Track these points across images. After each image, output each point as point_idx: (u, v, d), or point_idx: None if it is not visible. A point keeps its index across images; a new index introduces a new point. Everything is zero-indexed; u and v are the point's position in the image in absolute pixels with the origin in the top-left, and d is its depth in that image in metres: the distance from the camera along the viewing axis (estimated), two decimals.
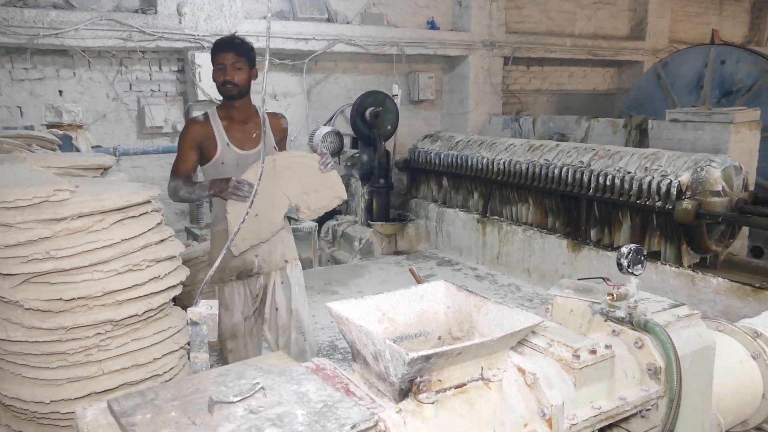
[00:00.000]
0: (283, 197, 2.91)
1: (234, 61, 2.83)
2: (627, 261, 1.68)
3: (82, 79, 6.52)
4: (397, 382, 1.37)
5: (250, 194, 2.35)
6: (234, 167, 2.87)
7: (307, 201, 2.95)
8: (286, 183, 2.88)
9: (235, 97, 2.89)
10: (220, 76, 2.85)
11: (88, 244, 1.79)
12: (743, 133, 5.19)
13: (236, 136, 2.93)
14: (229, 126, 2.92)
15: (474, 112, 8.62)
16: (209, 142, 2.88)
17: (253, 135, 2.96)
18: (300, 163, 2.92)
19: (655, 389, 1.67)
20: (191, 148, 2.89)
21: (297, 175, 2.90)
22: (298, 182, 2.91)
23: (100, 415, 1.32)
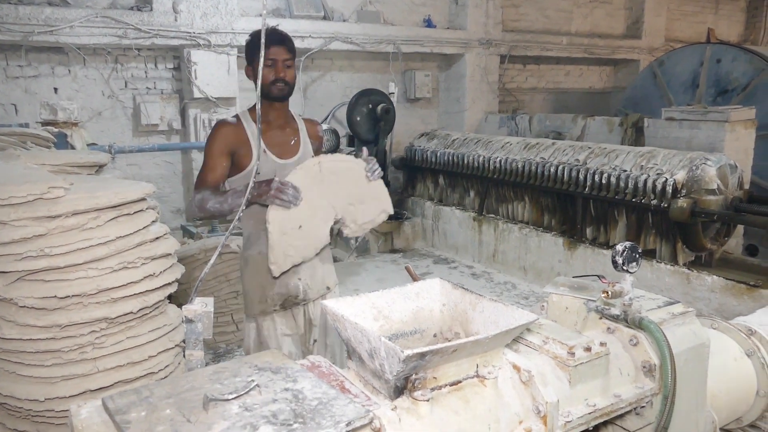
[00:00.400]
0: (329, 207, 2.46)
1: (286, 57, 2.53)
2: (622, 259, 1.68)
3: (78, 77, 6.49)
4: (392, 380, 1.37)
5: (296, 200, 2.21)
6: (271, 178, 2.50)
7: (354, 214, 2.50)
8: (331, 191, 2.45)
9: (285, 97, 2.58)
10: (270, 73, 2.49)
11: (83, 241, 1.79)
12: (738, 131, 5.20)
13: (273, 143, 2.57)
14: (266, 130, 2.56)
15: (470, 111, 8.62)
16: (243, 149, 2.50)
17: (292, 142, 2.63)
18: (346, 168, 2.49)
19: (649, 386, 1.68)
20: (222, 155, 2.48)
21: (343, 183, 2.47)
22: (344, 191, 2.48)
23: (95, 413, 1.32)
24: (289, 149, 2.61)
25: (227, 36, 6.60)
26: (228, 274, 4.24)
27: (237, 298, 4.33)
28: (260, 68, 1.66)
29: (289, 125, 2.67)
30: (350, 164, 2.51)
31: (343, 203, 2.47)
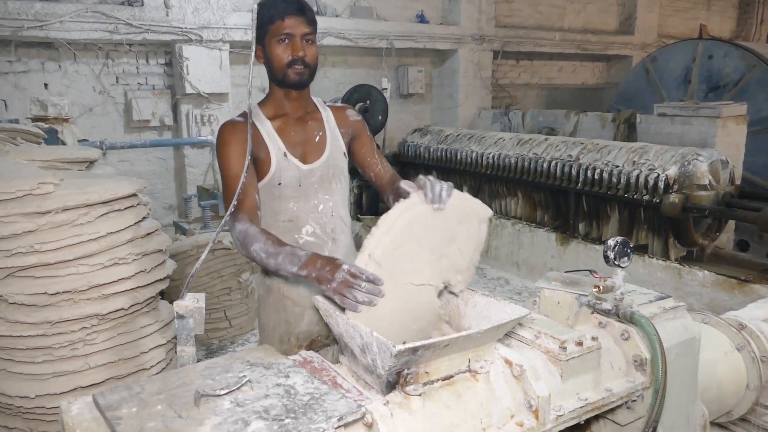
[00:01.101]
0: (427, 275, 1.64)
1: (306, 31, 1.95)
2: (613, 254, 1.69)
3: (68, 72, 6.45)
4: (384, 375, 1.37)
5: (370, 301, 1.48)
6: (295, 188, 2.00)
7: (453, 264, 1.67)
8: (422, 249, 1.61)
9: (305, 84, 2.02)
10: (285, 52, 1.93)
11: (73, 237, 1.78)
12: (730, 127, 5.22)
13: (294, 142, 2.02)
14: (283, 128, 2.03)
15: (464, 106, 8.62)
16: (261, 152, 1.97)
17: (317, 139, 2.07)
18: (414, 218, 1.57)
19: (640, 380, 1.69)
20: (243, 161, 1.87)
21: (422, 236, 1.59)
22: (427, 247, 1.61)
23: (86, 410, 1.31)
24: (313, 149, 2.06)
25: (219, 31, 6.57)
26: (220, 270, 4.23)
27: (229, 295, 4.32)
28: (251, 62, 1.64)
29: (311, 117, 2.10)
30: (415, 208, 1.60)
31: (435, 261, 1.63)
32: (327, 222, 2.06)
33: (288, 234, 2.00)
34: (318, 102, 2.18)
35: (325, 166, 2.05)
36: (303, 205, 2.02)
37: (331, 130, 2.10)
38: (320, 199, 2.05)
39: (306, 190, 2.01)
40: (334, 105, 2.22)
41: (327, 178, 2.05)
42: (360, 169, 2.23)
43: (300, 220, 2.02)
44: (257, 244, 1.74)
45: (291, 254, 1.68)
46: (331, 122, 2.13)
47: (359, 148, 2.19)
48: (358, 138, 2.19)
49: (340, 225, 2.11)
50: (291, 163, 1.99)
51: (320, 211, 2.05)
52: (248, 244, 1.76)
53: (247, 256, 1.79)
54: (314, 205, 2.04)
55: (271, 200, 2.00)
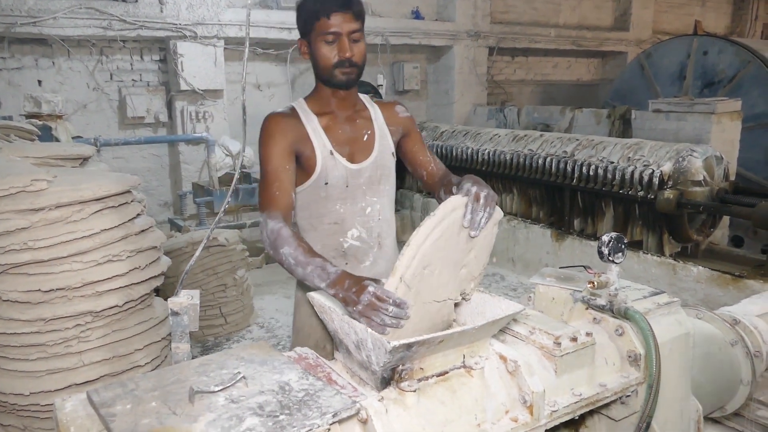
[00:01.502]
0: (452, 286, 1.60)
1: (353, 29, 1.83)
2: (608, 249, 1.69)
3: (62, 69, 6.41)
4: (379, 371, 1.37)
5: (397, 323, 1.42)
6: (342, 189, 1.92)
7: (470, 273, 1.63)
8: (451, 258, 1.56)
9: (352, 84, 1.93)
10: (331, 52, 1.84)
11: (67, 234, 1.77)
12: (725, 123, 5.24)
13: (341, 140, 1.93)
14: (330, 126, 1.94)
15: (459, 103, 8.62)
16: (306, 149, 1.88)
17: (365, 137, 1.98)
18: (442, 234, 1.49)
19: (635, 376, 1.69)
20: (286, 155, 1.84)
21: (448, 250, 1.53)
22: (451, 259, 1.54)
23: (80, 407, 1.31)
24: (361, 148, 1.97)
25: (214, 27, 6.54)
26: (216, 268, 4.22)
27: (225, 292, 4.31)
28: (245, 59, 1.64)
29: (359, 115, 2.01)
30: (451, 215, 1.52)
31: (456, 272, 1.58)
32: (374, 226, 1.98)
33: (333, 237, 1.94)
34: (365, 99, 2.08)
35: (374, 167, 1.96)
36: (350, 207, 1.93)
37: (379, 128, 2.01)
38: (368, 201, 1.96)
39: (353, 192, 1.92)
40: (381, 101, 2.13)
41: (375, 179, 1.97)
42: (410, 168, 2.13)
43: (346, 223, 1.94)
44: (288, 248, 1.68)
45: (321, 268, 1.61)
46: (379, 120, 2.03)
47: (410, 146, 2.10)
48: (408, 135, 2.09)
49: (386, 229, 2.03)
50: (338, 162, 1.90)
51: (367, 214, 1.97)
52: (278, 245, 1.70)
53: (275, 256, 1.72)
54: (361, 207, 1.96)
55: (317, 201, 1.91)
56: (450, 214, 1.50)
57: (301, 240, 1.72)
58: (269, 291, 5.39)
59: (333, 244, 1.93)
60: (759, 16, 12.44)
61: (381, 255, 2.01)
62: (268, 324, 4.65)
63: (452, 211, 1.51)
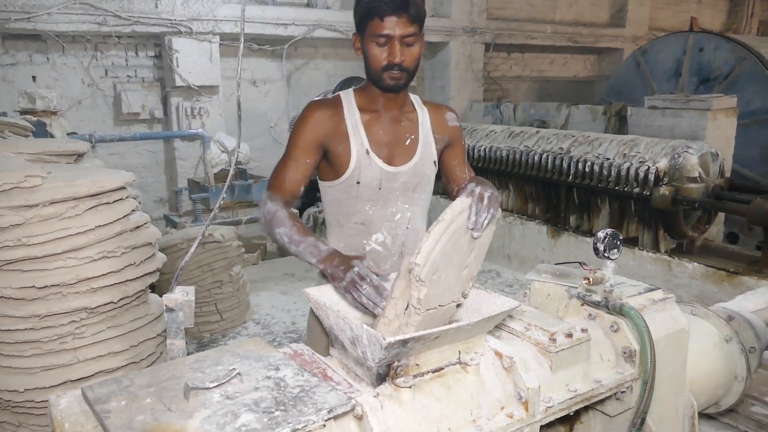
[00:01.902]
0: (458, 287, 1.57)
1: (406, 33, 1.74)
2: (603, 245, 1.69)
3: (56, 65, 6.38)
4: (374, 367, 1.37)
5: (374, 306, 1.49)
6: (374, 191, 1.86)
7: (470, 273, 1.59)
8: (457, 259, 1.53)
9: (401, 89, 1.85)
10: (382, 55, 1.77)
11: (61, 230, 1.76)
12: (720, 120, 5.24)
13: (381, 141, 1.87)
14: (373, 124, 1.87)
15: (455, 99, 8.61)
16: (339, 145, 1.83)
17: (407, 141, 1.91)
18: (449, 239, 1.47)
19: (629, 372, 1.69)
20: (310, 148, 1.82)
21: (453, 255, 1.51)
22: (455, 262, 1.52)
23: (74, 403, 1.31)
24: (402, 152, 1.90)
25: (209, 23, 6.52)
26: (211, 264, 4.21)
27: (221, 288, 4.31)
28: (240, 54, 1.63)
29: (405, 117, 1.94)
30: (458, 218, 1.52)
31: (459, 274, 1.55)
32: (400, 234, 1.93)
33: (357, 237, 1.91)
34: (416, 100, 2.00)
35: (411, 173, 1.89)
36: (380, 210, 1.89)
37: (424, 135, 1.94)
38: (399, 207, 1.91)
39: (386, 195, 1.87)
40: (432, 104, 2.03)
41: (411, 186, 1.91)
42: (444, 180, 2.07)
43: (373, 226, 1.90)
44: (283, 228, 1.71)
45: (313, 246, 1.67)
46: (426, 125, 1.96)
47: (450, 158, 2.03)
48: (451, 146, 2.02)
49: (413, 239, 1.95)
50: (373, 162, 1.84)
51: (396, 221, 1.92)
52: (274, 225, 1.73)
53: (270, 235, 1.76)
54: (391, 212, 1.91)
55: (347, 199, 1.88)
56: (457, 217, 1.49)
57: (296, 220, 1.75)
58: (265, 287, 5.38)
59: (355, 244, 1.90)
60: (755, 12, 12.46)
61: (400, 264, 1.99)
62: (264, 320, 4.65)
63: (459, 214, 1.50)
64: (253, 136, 7.33)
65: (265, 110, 7.60)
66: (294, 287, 5.31)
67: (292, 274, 5.70)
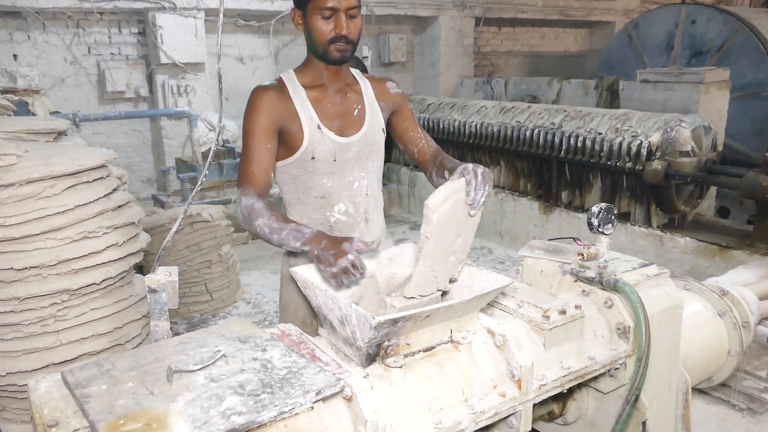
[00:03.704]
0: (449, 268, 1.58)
1: (350, 6, 1.81)
2: (597, 220, 1.66)
3: (38, 43, 6.23)
4: (364, 347, 1.34)
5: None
6: (330, 164, 1.90)
7: (458, 258, 1.58)
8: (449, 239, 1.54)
9: (347, 60, 1.91)
10: (327, 27, 1.81)
11: (39, 210, 1.71)
12: (713, 93, 5.20)
13: (330, 114, 1.91)
14: (320, 99, 1.91)
15: (445, 75, 8.52)
16: (293, 124, 1.86)
17: (355, 112, 1.96)
18: (441, 222, 1.47)
19: (623, 348, 1.67)
20: (268, 135, 1.83)
21: (444, 240, 1.51)
22: (443, 249, 1.52)
23: (54, 388, 1.27)
24: (351, 122, 1.95)
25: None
26: (200, 244, 4.16)
27: (210, 268, 4.26)
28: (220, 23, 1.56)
29: (349, 89, 1.99)
30: (458, 194, 1.53)
31: (446, 260, 1.55)
32: (361, 201, 1.97)
33: (320, 211, 1.93)
34: (356, 73, 2.05)
35: (363, 142, 1.94)
36: (337, 181, 1.92)
37: (369, 104, 1.99)
38: (355, 176, 1.95)
39: (341, 166, 1.91)
40: (372, 76, 2.09)
41: (364, 155, 1.95)
42: (401, 145, 2.12)
43: (333, 198, 1.93)
44: (261, 219, 1.71)
45: (295, 230, 1.66)
46: (369, 95, 2.01)
47: (400, 123, 2.08)
48: (398, 112, 2.07)
49: (373, 205, 2.02)
50: (325, 136, 1.88)
51: (355, 189, 1.95)
52: (252, 218, 1.73)
53: (251, 230, 1.75)
54: (349, 182, 1.94)
55: (304, 175, 1.90)
56: (452, 195, 1.50)
57: (273, 210, 1.74)
58: (256, 267, 5.34)
59: (319, 218, 1.92)
60: None
61: (367, 230, 2.00)
62: (255, 300, 4.62)
63: (455, 192, 1.52)
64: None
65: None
66: None
67: (282, 253, 5.65)
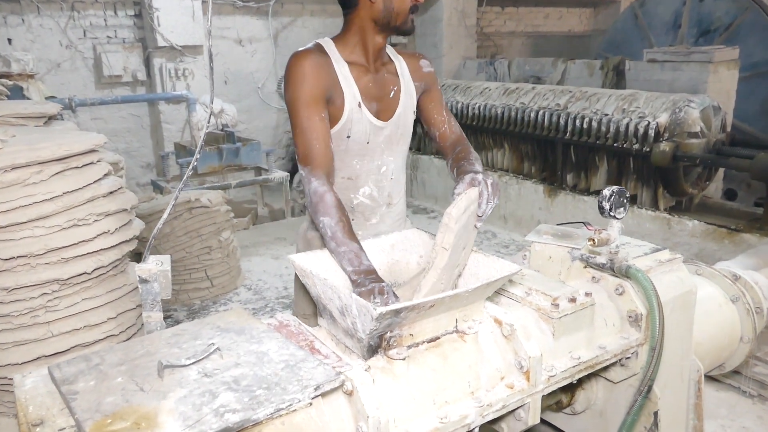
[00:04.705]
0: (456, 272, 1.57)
1: None
2: (609, 204, 1.59)
3: (32, 26, 6.12)
4: (365, 339, 1.28)
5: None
6: (363, 146, 1.81)
7: (459, 270, 1.57)
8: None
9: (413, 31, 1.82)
10: None
11: (26, 198, 1.64)
12: (721, 72, 5.09)
13: (371, 94, 1.80)
14: (361, 77, 1.79)
15: (448, 56, 8.38)
16: (337, 97, 1.74)
17: (391, 94, 1.85)
18: (454, 243, 1.45)
19: (635, 337, 1.61)
20: (319, 105, 1.69)
21: (454, 257, 1.49)
22: (451, 265, 1.49)
23: (41, 383, 1.21)
24: (387, 105, 1.85)
25: None
26: (199, 230, 4.10)
27: (210, 254, 4.20)
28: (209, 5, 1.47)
29: (386, 69, 1.88)
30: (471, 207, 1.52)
31: (452, 274, 1.52)
32: (386, 185, 1.91)
33: (344, 192, 1.85)
34: (391, 51, 1.93)
35: (395, 125, 1.85)
36: (367, 164, 1.84)
37: (405, 85, 1.89)
38: (384, 160, 1.88)
39: (372, 149, 1.83)
40: (405, 52, 1.97)
41: (395, 138, 1.88)
42: (424, 125, 2.03)
43: (360, 180, 1.86)
44: (329, 219, 1.58)
45: (355, 254, 1.52)
46: (405, 75, 1.91)
47: (427, 104, 1.99)
48: (428, 92, 1.97)
49: (397, 189, 1.97)
50: (364, 116, 1.78)
51: (381, 173, 1.89)
52: (320, 211, 1.60)
53: (314, 218, 1.63)
54: (377, 165, 1.87)
55: (336, 154, 1.77)
56: (469, 207, 1.49)
57: (343, 213, 1.62)
58: (257, 252, 5.28)
59: (343, 199, 1.81)
60: None
61: (389, 214, 1.96)
62: (256, 286, 4.57)
63: (471, 203, 1.51)
64: (240, 98, 7.12)
65: (252, 70, 7.36)
66: (286, 252, 5.21)
67: (284, 239, 5.60)
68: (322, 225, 1.59)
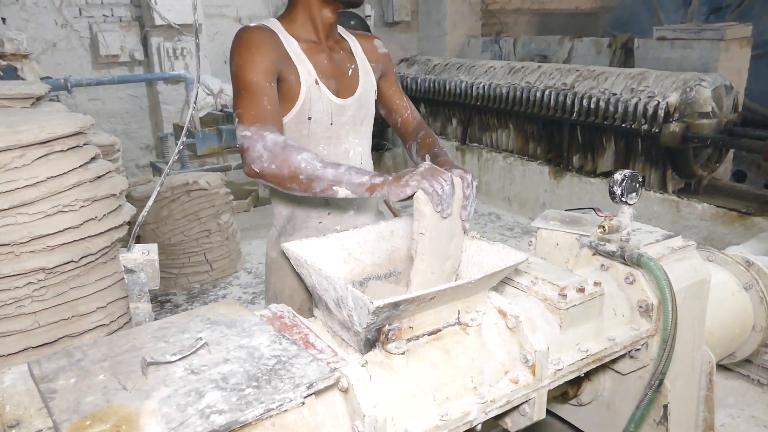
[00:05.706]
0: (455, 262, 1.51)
1: None
2: (621, 189, 1.50)
3: (26, 5, 6.00)
4: (362, 332, 1.21)
5: (447, 206, 1.38)
6: (326, 127, 1.70)
7: (453, 263, 1.47)
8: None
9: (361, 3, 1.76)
10: None
11: (7, 183, 1.55)
12: (733, 50, 4.95)
13: (327, 73, 1.69)
14: (313, 54, 1.68)
15: (452, 35, 8.23)
16: (289, 74, 1.62)
17: (350, 72, 1.75)
18: (430, 240, 1.40)
19: (646, 328, 1.54)
20: (269, 75, 1.55)
21: (437, 252, 1.42)
22: (439, 258, 1.43)
23: (20, 381, 1.15)
24: (346, 83, 1.74)
25: None
26: (198, 213, 4.04)
27: (209, 237, 4.15)
28: None
29: (340, 47, 1.77)
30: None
31: (442, 268, 1.45)
32: None
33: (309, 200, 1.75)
34: (342, 30, 1.84)
35: (357, 105, 1.74)
36: (333, 148, 1.73)
37: (362, 64, 1.79)
38: (351, 143, 1.77)
39: (337, 131, 1.71)
40: (358, 33, 1.88)
41: (359, 119, 1.77)
42: (383, 112, 1.94)
43: None
44: (306, 153, 1.40)
45: (355, 168, 1.39)
46: (360, 54, 1.81)
47: (386, 88, 1.89)
48: (385, 75, 1.88)
49: None
50: (323, 94, 1.65)
51: (350, 158, 1.77)
52: (290, 153, 1.40)
53: (283, 165, 1.41)
54: (345, 150, 1.76)
55: (299, 140, 1.64)
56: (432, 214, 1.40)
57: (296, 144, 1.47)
58: (257, 235, 5.22)
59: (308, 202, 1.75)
60: None
61: (364, 203, 1.88)
62: (257, 269, 4.51)
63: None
64: None
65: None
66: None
67: None
68: (303, 161, 1.40)
